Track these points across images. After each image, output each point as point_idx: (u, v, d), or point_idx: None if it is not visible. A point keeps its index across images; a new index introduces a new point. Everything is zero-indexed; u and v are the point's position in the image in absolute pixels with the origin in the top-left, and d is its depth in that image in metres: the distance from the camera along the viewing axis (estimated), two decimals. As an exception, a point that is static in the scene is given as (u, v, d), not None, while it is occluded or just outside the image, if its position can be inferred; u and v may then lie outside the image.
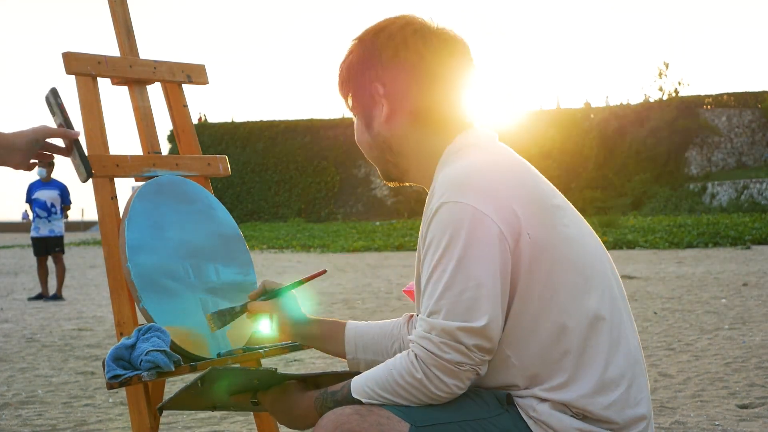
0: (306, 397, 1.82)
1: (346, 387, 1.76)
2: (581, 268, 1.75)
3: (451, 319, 1.66)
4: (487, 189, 1.71)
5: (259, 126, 47.38)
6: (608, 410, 1.73)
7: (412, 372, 1.68)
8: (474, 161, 1.77)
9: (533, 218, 1.72)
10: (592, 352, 1.73)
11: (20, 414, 4.69)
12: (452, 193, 1.71)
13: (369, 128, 1.90)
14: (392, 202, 43.66)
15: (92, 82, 2.47)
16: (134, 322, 2.32)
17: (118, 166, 2.44)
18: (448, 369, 1.67)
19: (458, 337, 1.66)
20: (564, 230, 1.76)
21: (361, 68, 1.86)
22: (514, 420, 1.74)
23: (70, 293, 12.42)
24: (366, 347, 2.10)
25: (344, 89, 1.92)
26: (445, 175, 1.76)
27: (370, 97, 1.87)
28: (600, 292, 1.77)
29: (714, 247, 18.89)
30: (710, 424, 4.07)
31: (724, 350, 6.10)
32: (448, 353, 1.66)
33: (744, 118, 39.14)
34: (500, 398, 1.76)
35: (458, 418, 1.72)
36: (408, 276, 13.50)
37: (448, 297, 1.67)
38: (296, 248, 23.87)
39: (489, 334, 1.67)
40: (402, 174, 1.93)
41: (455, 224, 1.68)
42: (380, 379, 1.72)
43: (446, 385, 1.68)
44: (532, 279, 1.71)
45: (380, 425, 1.68)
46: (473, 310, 1.66)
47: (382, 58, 1.84)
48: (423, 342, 1.68)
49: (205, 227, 2.52)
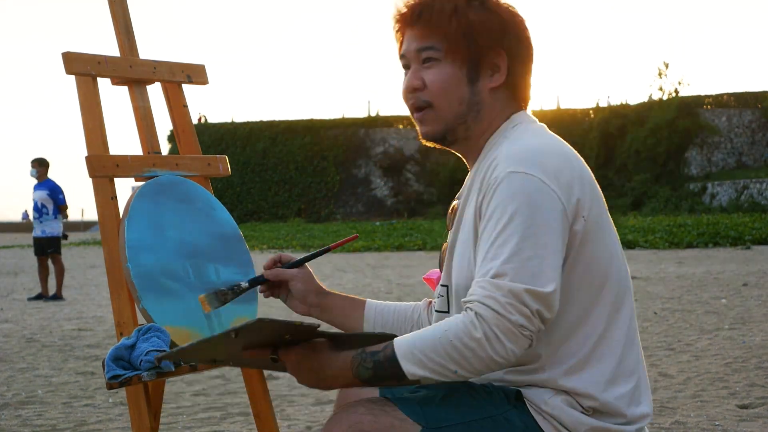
0: (341, 356, 1.71)
1: (389, 348, 1.67)
2: (616, 262, 1.81)
3: (519, 282, 1.64)
4: (554, 167, 1.73)
5: (259, 126, 47.37)
6: (619, 401, 1.76)
7: (471, 332, 1.62)
8: (537, 141, 1.80)
9: (588, 203, 1.76)
10: (611, 344, 1.78)
11: (20, 414, 4.69)
12: (520, 165, 1.72)
13: (472, 84, 1.86)
14: (392, 202, 43.67)
15: (92, 82, 2.47)
16: (134, 322, 2.32)
17: (118, 166, 2.44)
18: (510, 331, 1.62)
19: (525, 299, 1.63)
20: (608, 221, 1.83)
21: (498, 31, 1.84)
22: (522, 416, 1.75)
23: (70, 293, 12.42)
24: (385, 326, 2.11)
25: (462, 32, 1.83)
26: (510, 148, 1.77)
27: (489, 59, 1.85)
28: (625, 289, 1.83)
29: (714, 247, 18.89)
30: (710, 424, 4.07)
31: (724, 350, 6.10)
32: (512, 314, 1.62)
33: (744, 118, 39.13)
34: (509, 394, 1.77)
35: (468, 417, 1.72)
36: (408, 276, 13.50)
37: (515, 261, 1.65)
38: (296, 248, 23.88)
39: (552, 303, 1.66)
40: (464, 138, 1.89)
41: (524, 193, 1.69)
42: (430, 342, 1.64)
43: (504, 349, 1.62)
44: (576, 260, 1.75)
45: (393, 427, 1.67)
46: (540, 275, 1.65)
47: (516, 31, 1.86)
48: (487, 301, 1.63)
49: (205, 227, 2.52)
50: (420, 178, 43.52)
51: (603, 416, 1.76)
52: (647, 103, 39.67)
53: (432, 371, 1.64)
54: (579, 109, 41.62)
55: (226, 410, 4.67)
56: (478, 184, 1.80)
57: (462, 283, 1.82)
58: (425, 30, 1.85)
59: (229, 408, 4.73)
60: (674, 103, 38.45)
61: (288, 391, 5.09)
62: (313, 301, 2.13)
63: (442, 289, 1.91)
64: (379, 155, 44.31)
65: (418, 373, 1.65)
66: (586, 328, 1.76)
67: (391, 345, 1.67)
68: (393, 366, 1.66)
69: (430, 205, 42.04)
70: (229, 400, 4.92)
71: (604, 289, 1.78)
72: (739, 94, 40.05)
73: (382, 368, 1.67)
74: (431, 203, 42.28)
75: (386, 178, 44.06)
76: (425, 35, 1.85)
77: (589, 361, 1.76)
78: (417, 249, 21.41)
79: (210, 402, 4.90)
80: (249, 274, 2.53)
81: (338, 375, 1.71)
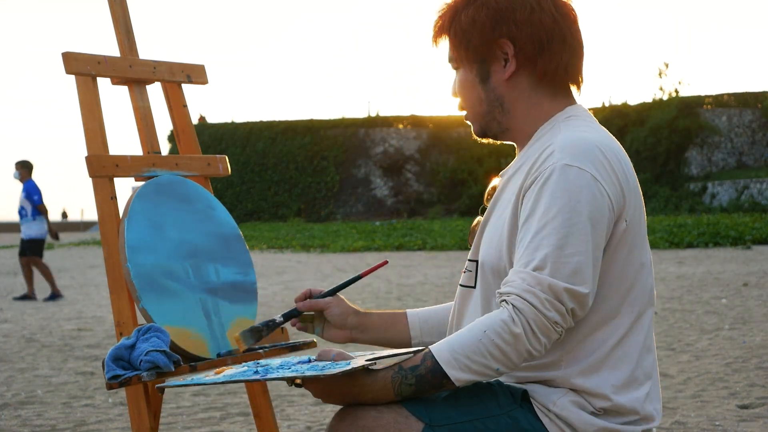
0: (378, 378, 1.69)
1: (429, 359, 1.66)
2: (645, 272, 1.81)
3: (559, 278, 1.65)
4: (605, 164, 1.73)
5: (259, 126, 47.35)
6: (632, 403, 1.77)
7: (510, 327, 1.64)
8: (592, 136, 1.79)
9: (632, 209, 1.77)
10: (629, 348, 1.78)
11: (20, 414, 4.69)
12: (576, 159, 1.71)
13: (484, 82, 1.87)
14: (392, 202, 43.65)
15: (92, 82, 2.47)
16: (134, 322, 2.32)
17: (118, 166, 2.44)
18: (546, 327, 1.65)
19: (562, 297, 1.65)
20: (644, 232, 1.83)
21: (490, 23, 1.82)
22: (527, 416, 1.75)
23: (70, 293, 12.42)
24: (431, 330, 2.09)
25: (460, 39, 1.85)
26: (564, 139, 1.76)
27: (494, 53, 1.84)
28: (650, 300, 1.83)
29: (714, 247, 18.88)
30: (710, 424, 4.07)
31: (724, 350, 6.10)
32: (549, 311, 1.64)
33: (744, 118, 39.12)
34: (515, 394, 1.77)
35: (472, 416, 1.72)
36: (408, 276, 13.50)
37: (557, 255, 1.66)
38: (296, 248, 23.86)
39: (586, 303, 1.68)
40: (502, 132, 1.90)
41: (574, 188, 1.69)
42: (469, 343, 1.65)
43: (539, 343, 1.65)
44: (611, 261, 1.75)
45: (397, 423, 1.67)
46: (579, 274, 1.67)
47: (516, 16, 1.81)
48: (527, 296, 1.64)
49: (204, 227, 2.52)
50: (420, 178, 43.51)
51: (613, 416, 1.76)
52: (647, 103, 39.65)
53: (476, 373, 1.66)
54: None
55: (226, 410, 4.67)
56: (528, 167, 1.78)
57: (489, 260, 1.81)
58: (449, 42, 1.90)
59: (229, 408, 4.72)
60: (674, 103, 38.43)
61: (288, 391, 5.09)
62: (353, 322, 2.08)
63: (470, 264, 1.89)
64: (378, 155, 44.30)
65: (463, 378, 1.66)
66: (608, 329, 1.77)
67: (431, 356, 1.67)
68: (437, 376, 1.67)
69: (430, 205, 42.02)
70: (229, 400, 4.92)
71: (631, 295, 1.78)
72: (739, 94, 40.03)
73: (425, 380, 1.67)
74: (431, 203, 42.26)
75: (386, 178, 44.05)
76: (450, 47, 1.90)
77: (606, 362, 1.76)
78: (417, 249, 21.40)
79: (210, 402, 4.90)
80: (249, 274, 2.53)
81: (379, 396, 1.70)
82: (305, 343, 2.53)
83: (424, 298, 9.99)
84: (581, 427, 1.73)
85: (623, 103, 40.82)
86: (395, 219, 39.42)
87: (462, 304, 1.90)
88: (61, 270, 17.71)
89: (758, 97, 40.06)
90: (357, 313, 2.08)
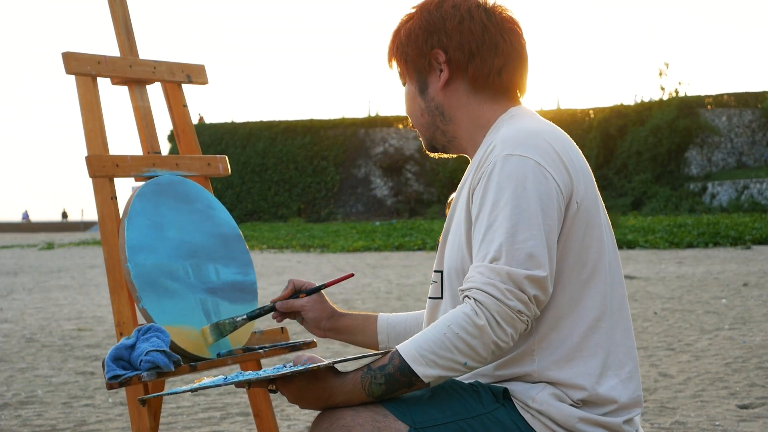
0: (347, 379, 1.71)
1: (396, 358, 1.68)
2: (608, 255, 1.82)
3: (516, 266, 1.67)
4: (548, 150, 1.76)
5: (259, 126, 47.37)
6: (610, 392, 1.77)
7: (474, 320, 1.65)
8: (533, 126, 1.82)
9: (582, 190, 1.79)
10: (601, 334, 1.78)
11: (20, 414, 4.69)
12: (515, 148, 1.75)
13: (423, 93, 1.93)
14: (392, 202, 43.65)
15: (92, 82, 2.47)
16: (134, 322, 2.32)
17: (118, 166, 2.44)
18: (510, 317, 1.66)
19: (523, 285, 1.67)
20: (601, 214, 1.84)
21: (423, 34, 1.89)
22: (511, 414, 1.75)
23: (70, 293, 12.42)
24: (398, 336, 2.14)
25: (400, 54, 1.94)
26: (505, 133, 1.79)
27: (429, 63, 1.91)
28: (616, 282, 1.84)
29: (714, 247, 18.89)
30: (710, 424, 4.07)
31: (724, 350, 6.10)
32: (511, 300, 1.66)
33: (744, 118, 39.13)
34: (496, 393, 1.77)
35: (456, 416, 1.72)
36: (408, 276, 13.51)
37: (510, 243, 1.68)
38: (296, 248, 23.87)
39: (547, 286, 1.70)
40: (448, 142, 1.96)
41: (519, 175, 1.72)
42: (434, 338, 1.67)
43: (505, 334, 1.66)
44: (567, 247, 1.77)
45: (375, 421, 1.68)
46: (535, 258, 1.68)
47: (446, 26, 1.88)
48: (488, 288, 1.66)
49: (204, 227, 2.52)
50: (420, 178, 43.52)
51: (592, 407, 1.76)
52: (647, 103, 39.66)
53: (443, 368, 1.67)
54: (579, 109, 41.61)
55: (226, 410, 4.67)
56: (474, 169, 1.82)
57: (454, 265, 1.84)
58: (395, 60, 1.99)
59: (229, 408, 4.73)
60: (674, 103, 38.45)
61: (288, 391, 5.09)
62: (326, 325, 2.17)
63: (435, 275, 1.93)
64: (378, 155, 44.31)
65: (431, 374, 1.67)
66: (576, 316, 1.77)
67: (398, 354, 1.69)
68: (405, 374, 1.67)
69: (430, 205, 42.04)
70: (229, 400, 4.92)
71: (594, 280, 1.79)
72: (739, 94, 40.04)
73: (394, 379, 1.68)
74: (431, 203, 42.28)
75: (386, 178, 44.06)
76: (396, 64, 1.99)
77: (579, 351, 1.77)
78: (417, 249, 21.40)
79: (210, 402, 4.90)
80: (249, 274, 2.53)
81: (351, 398, 1.71)
82: (305, 342, 2.53)
83: (423, 298, 9.99)
84: (562, 420, 1.74)
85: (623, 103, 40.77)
86: (395, 219, 39.42)
87: (431, 315, 1.92)
88: (61, 270, 17.71)
89: (758, 97, 40.07)
90: (330, 317, 2.17)
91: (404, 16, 1.95)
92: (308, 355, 1.76)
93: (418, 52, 1.90)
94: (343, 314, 2.19)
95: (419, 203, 42.84)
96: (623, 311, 1.84)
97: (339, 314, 2.18)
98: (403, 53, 1.93)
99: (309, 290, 2.19)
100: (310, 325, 2.19)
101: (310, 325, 2.19)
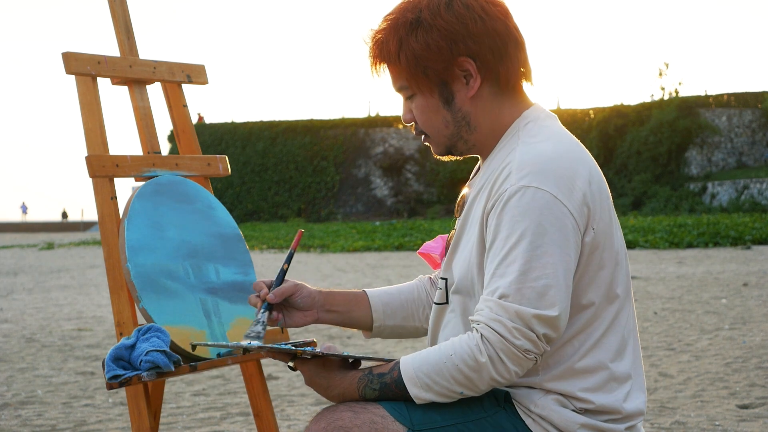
0: (348, 377, 1.74)
1: (396, 371, 1.69)
2: (621, 270, 1.80)
3: (526, 305, 1.64)
4: (566, 178, 1.70)
5: (259, 126, 47.38)
6: (612, 403, 1.76)
7: (476, 356, 1.64)
8: (550, 148, 1.74)
9: (599, 212, 1.74)
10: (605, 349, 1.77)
11: (20, 414, 4.69)
12: (532, 178, 1.68)
13: (449, 105, 1.82)
14: (392, 202, 43.65)
15: (92, 82, 2.47)
16: (134, 322, 2.32)
17: (118, 166, 2.44)
18: (515, 356, 1.64)
19: (532, 324, 1.64)
20: (615, 223, 1.80)
21: (446, 44, 1.76)
22: (511, 418, 1.74)
23: (70, 293, 12.42)
24: (394, 313, 2.09)
25: (414, 68, 1.79)
26: (522, 156, 1.72)
27: (453, 73, 1.79)
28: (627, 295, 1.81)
29: (714, 247, 18.88)
30: (710, 424, 4.07)
31: (724, 350, 6.10)
32: (518, 340, 1.64)
33: (744, 118, 39.12)
34: (497, 396, 1.77)
35: (455, 420, 1.71)
36: (408, 276, 13.50)
37: (521, 281, 1.65)
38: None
39: (558, 325, 1.67)
40: (469, 148, 1.88)
41: (534, 210, 1.67)
42: (435, 364, 1.66)
43: (508, 371, 1.65)
44: (584, 272, 1.74)
45: (374, 423, 1.68)
46: (547, 297, 1.65)
47: (470, 31, 1.76)
48: (494, 325, 1.64)
49: (204, 227, 2.52)
50: (420, 178, 43.51)
51: (594, 415, 1.76)
52: (647, 103, 39.65)
53: (437, 394, 1.68)
54: (579, 109, 41.60)
55: (226, 410, 4.67)
56: (489, 186, 1.76)
57: (461, 282, 1.81)
58: (391, 70, 1.84)
59: (229, 408, 4.73)
60: (674, 103, 38.43)
61: (288, 391, 5.09)
62: (320, 300, 2.04)
63: (441, 281, 1.90)
64: (378, 155, 44.31)
65: (423, 396, 1.68)
66: (584, 336, 1.76)
67: (398, 367, 1.70)
68: (400, 389, 1.69)
69: (430, 205, 42.04)
70: (229, 400, 4.92)
71: (608, 298, 1.77)
72: (739, 94, 40.03)
73: (388, 389, 1.70)
74: (431, 203, 42.28)
75: (386, 178, 44.06)
76: (394, 75, 1.84)
77: (585, 367, 1.75)
78: (417, 249, 21.40)
79: (210, 402, 4.90)
80: (249, 274, 2.53)
81: (345, 394, 1.74)
82: (305, 342, 2.53)
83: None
84: (564, 425, 1.73)
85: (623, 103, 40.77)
86: (395, 219, 39.42)
87: (436, 321, 1.91)
88: (61, 270, 17.70)
89: (758, 97, 40.06)
90: (321, 292, 2.05)
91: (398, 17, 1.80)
92: (328, 344, 1.79)
93: (443, 63, 1.77)
94: (330, 292, 2.07)
95: (419, 203, 42.82)
96: (631, 324, 1.82)
97: (327, 291, 2.07)
98: (420, 66, 1.78)
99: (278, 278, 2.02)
100: (303, 307, 2.02)
101: (303, 307, 2.02)
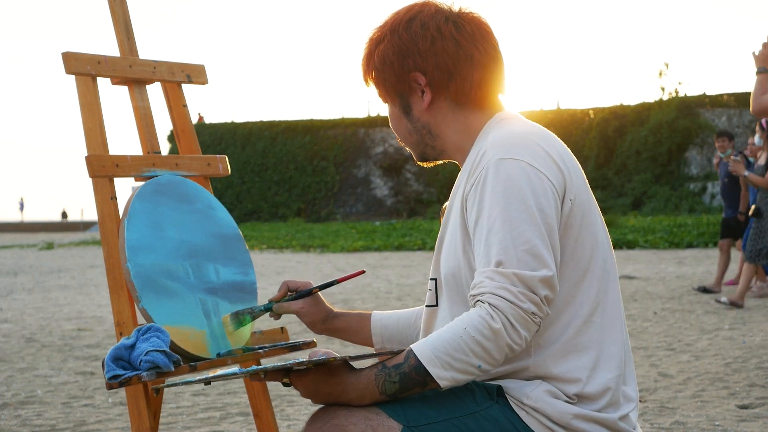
0: (362, 376, 1.72)
1: (411, 357, 1.69)
2: (601, 251, 1.83)
3: (524, 269, 1.68)
4: (538, 150, 1.78)
5: (259, 126, 47.38)
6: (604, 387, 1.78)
7: (490, 324, 1.66)
8: (521, 128, 1.84)
9: (574, 188, 1.80)
10: (595, 329, 1.80)
11: (20, 414, 4.69)
12: (506, 152, 1.76)
13: (408, 115, 1.94)
14: (392, 202, 43.66)
15: (92, 81, 2.47)
16: (134, 322, 2.32)
17: (118, 166, 2.44)
18: (524, 319, 1.67)
19: (534, 286, 1.68)
20: (594, 211, 1.85)
21: (398, 59, 1.88)
22: (504, 412, 1.76)
23: (70, 293, 12.42)
24: (392, 338, 2.17)
25: (377, 78, 1.94)
26: (495, 138, 1.81)
27: (409, 86, 1.90)
28: (610, 278, 1.85)
29: (714, 247, 18.87)
30: (710, 425, 4.07)
31: (724, 350, 6.10)
32: (525, 303, 1.67)
33: (744, 118, 39.14)
34: (490, 391, 1.78)
35: (449, 415, 1.73)
36: (408, 276, 13.50)
37: (514, 247, 1.69)
38: (296, 248, 23.86)
39: (555, 285, 1.71)
40: (438, 154, 1.97)
41: (513, 178, 1.73)
42: (451, 341, 1.67)
43: (519, 336, 1.68)
44: (561, 243, 1.77)
45: (368, 419, 1.69)
46: (540, 258, 1.69)
47: (419, 48, 1.87)
48: (500, 292, 1.67)
49: (204, 227, 2.52)
50: (420, 178, 43.52)
51: (587, 402, 1.77)
52: (647, 104, 39.65)
53: (458, 370, 1.68)
54: (579, 110, 41.60)
55: (226, 410, 4.67)
56: (466, 175, 1.83)
57: (449, 272, 1.84)
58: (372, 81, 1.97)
59: (228, 408, 4.73)
60: (674, 103, 38.44)
61: (288, 391, 5.09)
62: (321, 328, 2.20)
63: (430, 283, 1.93)
64: (378, 155, 44.32)
65: (445, 375, 1.68)
66: (571, 312, 1.78)
67: (413, 354, 1.69)
68: (420, 374, 1.68)
69: (430, 205, 42.03)
70: (228, 400, 4.92)
71: (588, 276, 1.80)
72: (739, 94, 40.04)
73: (409, 378, 1.69)
74: (431, 203, 42.28)
75: (386, 178, 44.06)
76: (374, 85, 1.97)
77: (574, 345, 1.77)
78: (417, 249, 21.39)
79: (210, 402, 4.90)
80: (249, 274, 2.53)
81: (364, 395, 1.72)
82: (305, 342, 2.53)
83: (423, 298, 9.95)
84: (557, 416, 1.74)
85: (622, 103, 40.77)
86: (395, 219, 39.41)
87: (428, 323, 1.93)
88: (61, 270, 17.70)
89: (758, 97, 39.93)
90: (325, 320, 2.19)
91: (373, 34, 1.93)
92: (323, 350, 1.77)
93: (396, 77, 1.90)
94: (338, 315, 2.20)
95: (419, 203, 42.82)
96: (616, 307, 1.85)
97: (334, 315, 2.20)
98: (381, 78, 1.93)
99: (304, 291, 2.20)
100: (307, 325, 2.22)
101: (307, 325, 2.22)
